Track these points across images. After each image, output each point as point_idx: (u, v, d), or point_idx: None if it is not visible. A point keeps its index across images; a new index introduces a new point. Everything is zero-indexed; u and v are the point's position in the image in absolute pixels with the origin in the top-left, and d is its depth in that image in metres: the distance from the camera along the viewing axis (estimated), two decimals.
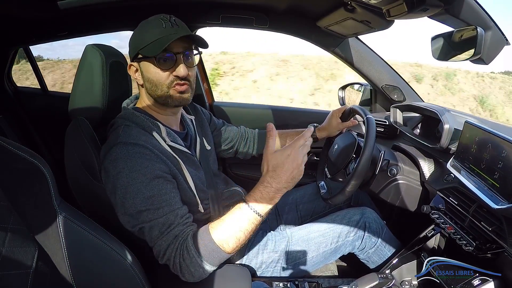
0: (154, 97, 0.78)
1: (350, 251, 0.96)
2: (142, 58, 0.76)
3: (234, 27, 1.40)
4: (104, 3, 1.18)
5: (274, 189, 0.66)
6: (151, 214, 0.67)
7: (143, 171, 0.68)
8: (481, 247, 0.69)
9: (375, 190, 0.98)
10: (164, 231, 0.67)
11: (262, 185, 0.67)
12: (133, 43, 0.77)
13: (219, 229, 0.67)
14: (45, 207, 0.51)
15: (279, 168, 0.66)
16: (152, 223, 0.67)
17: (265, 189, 0.67)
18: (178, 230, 0.67)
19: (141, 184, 0.67)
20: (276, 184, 0.66)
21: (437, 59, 0.88)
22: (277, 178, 0.66)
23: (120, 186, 0.67)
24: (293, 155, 0.65)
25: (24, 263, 0.44)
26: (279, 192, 0.67)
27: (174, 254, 0.66)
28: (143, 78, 0.78)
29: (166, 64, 0.74)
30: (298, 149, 0.66)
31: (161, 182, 0.69)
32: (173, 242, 0.66)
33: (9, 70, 1.77)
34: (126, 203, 0.67)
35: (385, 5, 0.79)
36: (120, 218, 0.70)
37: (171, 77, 0.75)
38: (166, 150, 0.75)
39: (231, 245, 0.67)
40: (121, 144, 0.70)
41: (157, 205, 0.67)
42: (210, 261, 0.66)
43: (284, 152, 0.66)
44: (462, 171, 0.79)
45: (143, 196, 0.66)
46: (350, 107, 1.07)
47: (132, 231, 0.70)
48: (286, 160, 0.65)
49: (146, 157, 0.69)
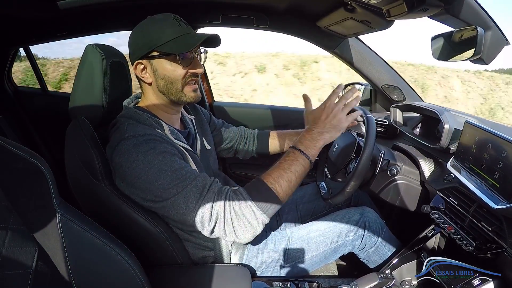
0: (167, 95, 0.79)
1: (350, 251, 0.96)
2: (158, 56, 0.75)
3: (234, 27, 1.40)
4: (103, 3, 1.18)
5: (316, 132, 0.77)
6: (180, 186, 0.66)
7: (157, 151, 0.67)
8: (481, 247, 0.69)
9: (375, 190, 0.98)
10: (202, 192, 0.66)
11: (306, 131, 0.79)
12: (145, 41, 0.75)
13: (273, 174, 0.71)
14: (45, 207, 0.51)
15: (317, 119, 0.79)
16: (185, 192, 0.66)
17: (308, 134, 0.78)
18: (215, 187, 0.68)
19: (160, 164, 0.66)
20: (317, 128, 0.78)
21: (437, 59, 0.88)
22: (318, 125, 0.78)
23: (139, 174, 0.66)
24: (328, 106, 0.79)
25: (24, 263, 0.44)
26: (321, 134, 0.77)
27: (223, 208, 0.65)
28: (155, 75, 0.78)
29: (186, 61, 0.76)
30: (332, 103, 0.80)
31: (177, 158, 0.70)
32: (216, 198, 0.66)
33: (9, 70, 1.78)
34: (151, 187, 0.66)
35: (385, 5, 0.79)
36: (149, 206, 0.69)
37: (188, 74, 0.77)
38: (172, 140, 0.75)
39: (284, 189, 0.70)
40: (129, 137, 0.70)
41: (182, 176, 0.67)
42: (266, 210, 0.67)
43: (319, 107, 0.83)
44: (462, 171, 0.79)
45: (166, 173, 0.66)
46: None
47: (163, 212, 0.69)
48: (322, 111, 0.79)
49: (157, 142, 0.70)
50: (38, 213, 0.50)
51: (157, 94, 0.80)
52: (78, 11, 1.19)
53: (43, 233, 0.50)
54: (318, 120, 0.78)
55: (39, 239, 0.49)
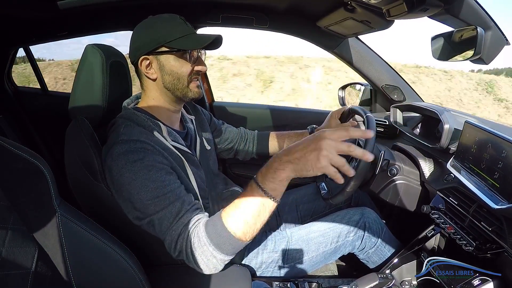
0: (173, 90, 0.80)
1: (350, 251, 0.96)
2: (165, 52, 0.76)
3: (234, 27, 1.40)
4: (103, 3, 1.18)
5: (279, 160, 0.60)
6: (157, 205, 0.66)
7: (145, 164, 0.67)
8: (481, 247, 0.69)
9: (375, 190, 0.98)
10: (173, 221, 0.65)
11: (273, 156, 0.62)
12: (152, 37, 0.76)
13: (229, 212, 0.63)
14: (45, 207, 0.51)
15: (298, 143, 0.59)
16: (160, 214, 0.66)
17: (270, 160, 0.62)
18: (186, 218, 0.66)
19: (144, 178, 0.66)
20: (283, 155, 0.60)
21: (437, 59, 0.88)
22: (289, 150, 0.59)
23: (124, 182, 0.67)
24: (323, 137, 0.56)
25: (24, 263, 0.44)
26: (284, 164, 0.59)
27: (185, 243, 0.64)
28: (161, 71, 0.78)
29: (193, 59, 0.78)
30: (326, 137, 0.56)
31: (164, 174, 0.69)
32: (183, 230, 0.64)
33: (9, 70, 1.78)
34: (132, 198, 0.67)
35: (385, 5, 0.79)
36: (129, 215, 0.69)
37: (193, 71, 0.79)
38: (168, 147, 0.75)
39: (241, 229, 0.62)
40: (123, 141, 0.70)
41: (163, 196, 0.66)
42: (224, 250, 0.63)
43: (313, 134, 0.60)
44: (462, 171, 0.79)
45: (147, 189, 0.66)
46: (349, 107, 1.07)
47: (143, 227, 0.68)
48: (312, 137, 0.58)
49: (148, 152, 0.69)
50: (38, 213, 0.50)
51: (161, 90, 0.80)
52: (78, 11, 1.19)
53: (43, 233, 0.50)
54: (296, 145, 0.59)
55: (39, 239, 0.49)
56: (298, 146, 0.59)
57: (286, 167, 0.59)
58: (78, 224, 0.53)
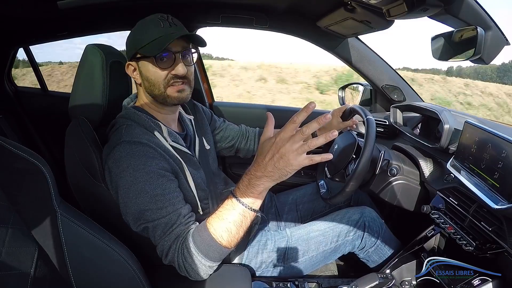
0: (152, 96, 0.79)
1: (350, 251, 0.96)
2: (141, 58, 0.76)
3: (234, 27, 1.40)
4: (103, 3, 1.18)
5: (254, 176, 0.61)
6: (154, 214, 0.66)
7: (147, 169, 0.67)
8: (481, 247, 0.69)
9: (375, 190, 0.98)
10: (167, 231, 0.66)
11: (245, 173, 0.64)
12: (131, 43, 0.77)
13: (213, 222, 0.66)
14: (45, 207, 0.51)
15: (260, 157, 0.60)
16: (155, 223, 0.67)
17: (246, 177, 0.63)
18: (180, 230, 0.67)
19: (145, 183, 0.67)
20: (257, 172, 0.61)
21: (437, 59, 0.88)
22: (258, 167, 0.60)
23: (123, 185, 0.67)
24: (278, 141, 0.58)
25: (24, 263, 0.44)
26: (260, 180, 0.61)
27: (176, 254, 0.66)
28: (141, 77, 0.78)
29: (165, 63, 0.74)
30: (286, 135, 0.58)
31: (165, 181, 0.69)
32: (174, 242, 0.66)
33: (9, 70, 1.78)
34: (129, 203, 0.67)
35: (385, 5, 0.79)
36: (124, 218, 0.70)
37: (169, 76, 0.76)
38: (169, 149, 0.75)
39: (225, 238, 0.65)
40: (125, 143, 0.70)
41: (160, 204, 0.67)
42: (211, 257, 0.66)
43: (270, 140, 0.60)
44: (462, 171, 0.79)
45: (146, 195, 0.66)
46: (350, 106, 1.07)
47: (136, 231, 0.70)
48: (270, 148, 0.59)
49: (150, 156, 0.69)
50: (38, 213, 0.50)
51: (146, 94, 0.81)
52: (78, 11, 1.19)
53: (43, 233, 0.50)
54: (261, 159, 0.60)
55: (39, 239, 0.49)
56: (264, 160, 0.60)
57: (264, 181, 0.61)
58: (78, 224, 0.53)
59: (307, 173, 1.50)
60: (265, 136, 0.63)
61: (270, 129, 0.64)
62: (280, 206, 1.16)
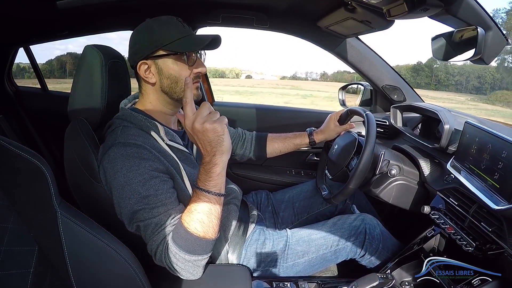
0: (171, 94, 0.79)
1: (352, 257, 0.96)
2: (162, 55, 0.75)
3: (235, 27, 1.41)
4: (103, 3, 1.18)
5: (206, 163, 0.66)
6: (146, 214, 0.67)
7: (141, 171, 0.68)
8: (481, 247, 0.69)
9: (375, 190, 0.98)
10: (155, 231, 0.67)
11: (199, 167, 0.68)
12: (148, 41, 0.75)
13: (185, 218, 0.67)
14: (45, 207, 0.51)
15: (199, 146, 0.67)
16: (146, 222, 0.67)
17: (202, 166, 0.68)
18: (168, 231, 0.67)
19: (138, 184, 0.67)
20: (205, 158, 0.67)
21: (438, 59, 0.88)
22: (202, 155, 0.67)
23: (116, 186, 0.68)
24: (198, 130, 0.64)
25: (24, 263, 0.44)
26: (211, 161, 0.66)
27: (163, 255, 0.66)
28: (160, 75, 0.77)
29: (192, 61, 0.77)
30: (198, 126, 0.64)
31: (158, 182, 0.69)
32: (161, 243, 0.67)
33: (9, 70, 1.78)
34: (122, 203, 0.68)
35: (386, 5, 0.79)
36: (119, 217, 0.71)
37: (192, 73, 0.78)
38: (165, 150, 0.75)
39: (200, 229, 0.66)
40: (120, 144, 0.70)
41: (152, 205, 0.67)
42: (192, 251, 0.66)
43: (192, 130, 0.66)
44: (462, 172, 0.79)
45: (139, 196, 0.67)
46: (347, 109, 1.08)
47: (130, 229, 0.70)
48: (195, 135, 0.65)
49: (144, 157, 0.69)
50: (38, 212, 0.50)
51: (159, 94, 0.80)
52: (77, 11, 1.19)
53: (43, 233, 0.50)
54: (200, 148, 0.67)
55: (39, 239, 0.49)
56: (201, 146, 0.66)
57: (215, 161, 0.66)
58: (78, 224, 0.53)
59: (307, 173, 1.51)
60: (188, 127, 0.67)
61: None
62: (276, 204, 1.17)
